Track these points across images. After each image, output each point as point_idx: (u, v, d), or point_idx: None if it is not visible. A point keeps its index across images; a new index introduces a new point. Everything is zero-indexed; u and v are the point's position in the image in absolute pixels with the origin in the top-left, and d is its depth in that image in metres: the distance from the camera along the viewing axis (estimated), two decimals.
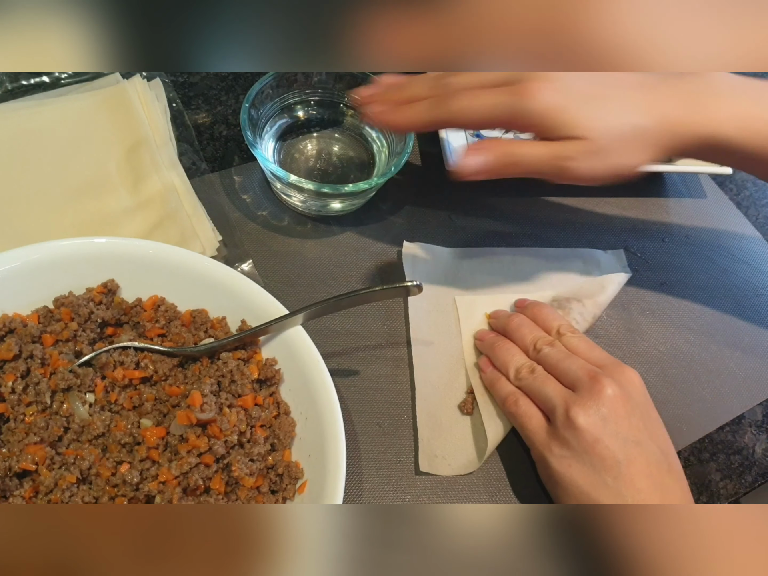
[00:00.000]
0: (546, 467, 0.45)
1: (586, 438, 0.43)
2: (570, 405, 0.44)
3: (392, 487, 0.48)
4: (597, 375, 0.45)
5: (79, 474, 0.39)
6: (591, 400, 0.44)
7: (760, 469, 0.54)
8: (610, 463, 0.42)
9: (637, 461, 0.42)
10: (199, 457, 0.40)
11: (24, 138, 0.57)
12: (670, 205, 0.68)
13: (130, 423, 0.41)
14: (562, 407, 0.44)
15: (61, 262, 0.45)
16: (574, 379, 0.46)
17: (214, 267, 0.47)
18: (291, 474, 0.42)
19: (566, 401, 0.44)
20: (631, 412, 0.44)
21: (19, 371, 0.41)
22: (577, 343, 0.50)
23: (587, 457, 0.43)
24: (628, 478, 0.42)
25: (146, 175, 0.57)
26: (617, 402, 0.44)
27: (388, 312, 0.56)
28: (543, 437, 0.45)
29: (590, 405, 0.44)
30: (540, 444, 0.45)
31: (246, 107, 0.54)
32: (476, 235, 0.62)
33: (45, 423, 0.40)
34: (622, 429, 0.43)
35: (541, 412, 0.47)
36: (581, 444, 0.43)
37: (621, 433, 0.43)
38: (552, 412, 0.45)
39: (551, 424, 0.45)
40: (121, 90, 0.61)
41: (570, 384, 0.46)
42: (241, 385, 0.43)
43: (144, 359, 0.44)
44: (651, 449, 0.43)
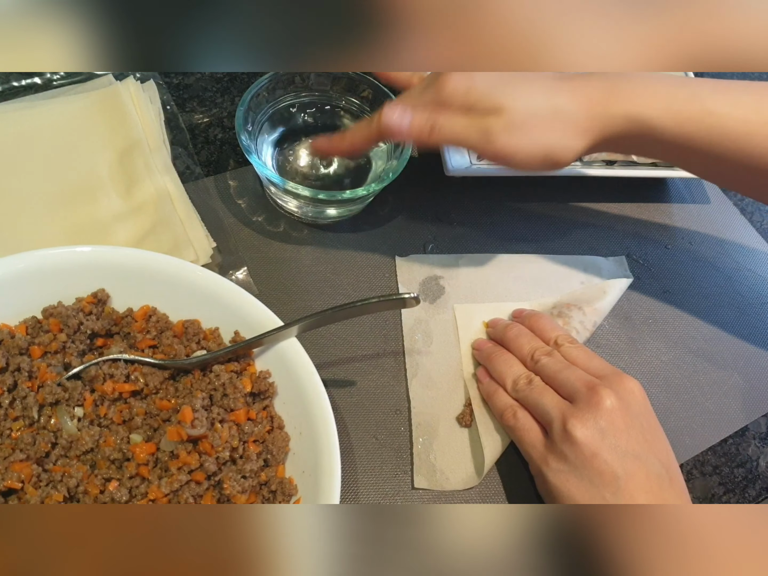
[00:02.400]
0: (544, 482, 0.44)
1: (584, 452, 0.42)
2: (567, 417, 0.43)
3: (389, 501, 0.47)
4: (595, 386, 0.44)
5: (66, 492, 0.37)
6: (589, 412, 0.43)
7: (765, 483, 0.53)
8: (609, 479, 0.41)
9: (636, 476, 0.41)
10: (189, 474, 0.39)
11: (14, 141, 0.56)
12: (673, 211, 0.67)
13: (119, 438, 0.40)
14: (559, 420, 0.43)
15: (49, 271, 0.44)
16: (572, 390, 0.45)
17: (207, 277, 0.46)
18: (284, 491, 0.41)
19: (563, 414, 0.43)
20: (631, 425, 0.43)
21: (6, 384, 0.40)
22: (576, 353, 0.48)
23: (585, 471, 0.42)
24: (627, 494, 0.41)
25: (139, 180, 0.55)
26: (616, 414, 0.43)
27: (385, 321, 0.54)
28: (540, 451, 0.44)
29: (588, 417, 0.42)
30: (537, 458, 0.44)
31: (241, 111, 0.53)
32: (475, 242, 0.61)
33: (32, 438, 0.39)
34: (620, 442, 0.42)
35: (539, 424, 0.46)
36: (579, 458, 0.42)
37: (620, 446, 0.42)
38: (549, 425, 0.44)
39: (549, 438, 0.44)
40: (114, 92, 0.60)
41: (568, 395, 0.45)
42: (234, 399, 0.42)
43: (134, 372, 0.43)
44: (651, 462, 0.42)
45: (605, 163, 0.65)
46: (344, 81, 0.59)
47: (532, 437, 0.45)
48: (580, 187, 0.66)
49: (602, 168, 0.64)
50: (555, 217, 0.64)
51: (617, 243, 0.64)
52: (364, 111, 0.59)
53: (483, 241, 0.61)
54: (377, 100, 0.58)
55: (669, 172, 0.64)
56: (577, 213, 0.65)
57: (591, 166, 0.64)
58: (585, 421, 0.42)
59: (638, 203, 0.67)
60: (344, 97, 0.60)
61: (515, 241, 0.62)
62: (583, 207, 0.65)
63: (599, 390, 0.43)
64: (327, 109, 0.60)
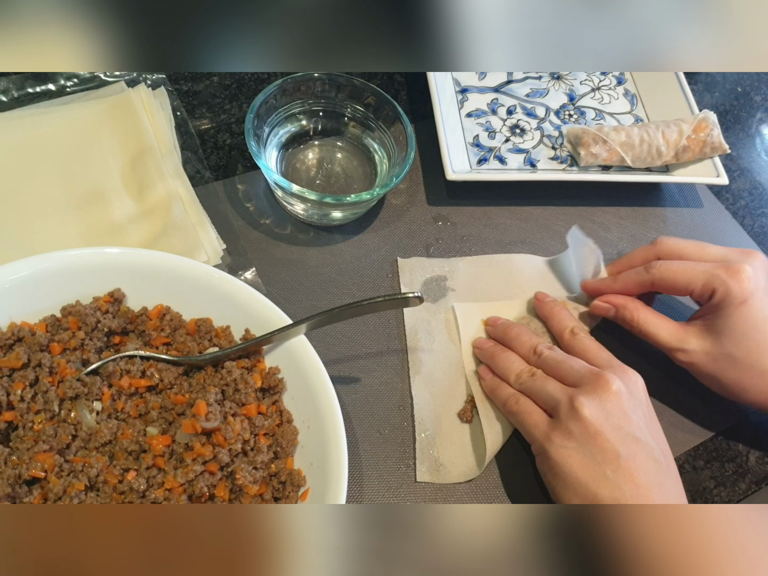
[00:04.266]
0: (546, 459, 0.46)
1: (589, 429, 0.44)
2: (575, 396, 0.45)
3: (393, 494, 0.49)
4: (601, 372, 0.46)
5: (87, 481, 0.39)
6: (595, 392, 0.45)
7: (754, 477, 0.55)
8: (611, 456, 0.43)
9: (637, 456, 0.43)
10: (203, 465, 0.41)
11: (30, 146, 0.58)
12: (667, 215, 0.69)
13: (136, 431, 0.42)
14: (566, 400, 0.45)
15: (68, 271, 0.46)
16: (577, 377, 0.47)
17: (219, 276, 0.47)
18: (293, 482, 0.43)
19: (570, 395, 0.45)
20: (633, 410, 0.45)
21: (28, 380, 0.42)
22: (588, 342, 0.51)
23: (588, 447, 0.44)
24: (628, 473, 0.43)
25: (151, 184, 0.57)
26: (621, 397, 0.45)
27: (389, 320, 0.56)
28: (543, 429, 0.46)
29: (594, 397, 0.45)
30: (540, 436, 0.46)
31: (250, 117, 0.55)
32: (474, 244, 0.63)
33: (53, 431, 0.41)
34: (624, 423, 0.44)
35: (542, 409, 0.48)
36: (583, 435, 0.44)
37: (623, 427, 0.44)
38: (555, 408, 0.46)
39: (554, 418, 0.46)
40: (126, 98, 0.62)
41: (573, 383, 0.47)
42: (245, 393, 0.44)
43: (150, 368, 0.45)
44: (651, 446, 0.44)
45: (601, 168, 0.67)
46: (349, 88, 0.61)
47: (535, 418, 0.47)
48: (577, 192, 0.68)
49: (598, 173, 0.66)
50: (553, 220, 0.66)
51: (613, 245, 0.66)
52: (368, 117, 0.61)
53: (482, 244, 0.63)
54: (381, 107, 0.60)
55: (663, 177, 0.66)
56: (574, 216, 0.67)
57: (588, 171, 0.66)
58: (592, 399, 0.45)
59: (633, 207, 0.69)
60: (349, 103, 0.62)
61: (513, 244, 0.64)
62: (580, 210, 0.68)
63: (605, 374, 0.46)
64: (332, 116, 0.63)
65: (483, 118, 0.69)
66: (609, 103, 0.74)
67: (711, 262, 0.51)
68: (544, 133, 0.70)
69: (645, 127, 0.67)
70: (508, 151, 0.67)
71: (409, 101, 0.72)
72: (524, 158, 0.67)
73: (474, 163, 0.65)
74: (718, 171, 0.66)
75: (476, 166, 0.65)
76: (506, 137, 0.68)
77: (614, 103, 0.74)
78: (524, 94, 0.73)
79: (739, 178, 0.76)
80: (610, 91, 0.76)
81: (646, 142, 0.66)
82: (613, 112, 0.73)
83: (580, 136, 0.66)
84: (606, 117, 0.73)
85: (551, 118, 0.71)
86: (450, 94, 0.70)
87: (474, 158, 0.65)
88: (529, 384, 0.49)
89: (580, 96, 0.74)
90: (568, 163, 0.68)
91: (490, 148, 0.67)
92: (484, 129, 0.68)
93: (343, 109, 0.62)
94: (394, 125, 0.60)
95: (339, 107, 0.62)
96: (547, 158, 0.68)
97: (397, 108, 0.59)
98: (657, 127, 0.67)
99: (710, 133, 0.66)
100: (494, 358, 0.52)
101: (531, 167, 0.66)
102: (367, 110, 0.61)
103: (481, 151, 0.66)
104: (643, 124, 0.68)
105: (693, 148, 0.66)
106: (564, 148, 0.69)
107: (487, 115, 0.70)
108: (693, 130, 0.66)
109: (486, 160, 0.66)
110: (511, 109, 0.71)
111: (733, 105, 0.84)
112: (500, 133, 0.68)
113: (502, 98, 0.72)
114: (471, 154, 0.66)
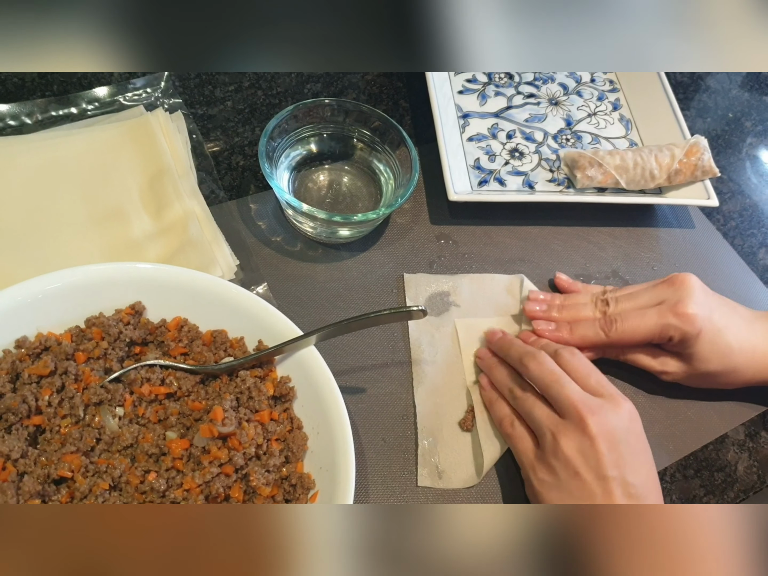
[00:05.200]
0: (530, 486, 0.49)
1: (568, 469, 0.47)
2: (558, 434, 0.48)
3: (396, 498, 0.51)
4: (583, 411, 0.47)
5: (111, 481, 0.42)
6: (575, 432, 0.47)
7: (742, 486, 0.57)
8: (587, 495, 0.46)
9: (613, 494, 0.45)
10: (220, 467, 0.43)
11: (53, 166, 0.61)
12: (660, 235, 0.72)
13: (156, 435, 0.45)
14: (550, 434, 0.48)
15: (92, 284, 0.49)
16: (563, 407, 0.48)
17: (234, 290, 0.50)
18: (303, 485, 0.45)
19: (554, 428, 0.48)
20: (613, 449, 0.47)
21: (55, 386, 0.45)
22: (576, 364, 0.52)
23: (566, 485, 0.47)
24: None
25: (168, 203, 0.60)
26: (600, 439, 0.47)
27: (394, 333, 0.59)
28: (531, 459, 0.50)
29: (575, 438, 0.47)
30: (527, 465, 0.50)
31: (264, 141, 0.58)
32: (475, 261, 0.66)
33: (79, 434, 0.43)
34: (601, 465, 0.46)
35: (533, 434, 0.51)
36: (563, 473, 0.47)
37: (600, 468, 0.46)
38: (541, 438, 0.49)
39: (539, 448, 0.49)
40: (145, 122, 0.65)
41: (559, 411, 0.49)
42: (258, 401, 0.47)
43: (169, 376, 0.48)
44: (627, 482, 0.46)
45: (597, 190, 0.70)
46: (356, 113, 0.64)
47: (524, 445, 0.50)
48: (574, 212, 0.71)
49: (594, 195, 0.69)
50: (550, 239, 0.69)
51: (607, 264, 0.69)
52: (374, 141, 0.65)
53: (483, 261, 0.66)
54: (386, 131, 0.63)
55: (657, 199, 0.69)
56: (570, 236, 0.70)
57: (584, 193, 0.69)
58: (572, 440, 0.47)
59: (627, 227, 0.72)
60: (356, 128, 0.65)
61: (512, 262, 0.67)
62: (576, 230, 0.71)
63: (586, 418, 0.47)
64: (340, 139, 0.66)
65: (484, 142, 0.72)
66: (605, 128, 0.78)
67: (655, 306, 0.55)
68: (542, 157, 0.73)
69: (639, 151, 0.70)
70: (507, 173, 0.70)
71: (414, 126, 0.76)
72: (523, 180, 0.70)
73: (475, 185, 0.68)
74: (708, 193, 0.69)
75: (477, 188, 0.68)
76: (506, 160, 0.71)
77: (610, 127, 0.78)
78: (523, 119, 0.76)
79: (730, 200, 0.79)
80: (606, 117, 0.79)
81: (640, 165, 0.69)
82: (608, 137, 0.77)
83: (577, 160, 0.69)
84: (602, 141, 0.76)
85: (549, 142, 0.74)
86: (452, 119, 0.73)
87: (475, 180, 0.69)
88: (520, 403, 0.51)
89: (577, 121, 0.77)
90: (565, 185, 0.71)
91: (490, 171, 0.70)
92: (484, 152, 0.71)
93: (350, 133, 0.65)
94: (399, 148, 0.63)
95: (347, 131, 0.65)
96: (545, 180, 0.71)
97: (402, 132, 0.62)
98: (650, 151, 0.70)
99: (701, 157, 0.69)
100: (491, 370, 0.55)
101: (529, 189, 0.70)
102: (373, 134, 0.65)
103: (482, 173, 0.70)
104: (637, 149, 0.71)
105: (685, 172, 0.69)
106: (561, 170, 0.72)
107: (487, 139, 0.73)
108: (685, 155, 0.69)
109: (486, 182, 0.69)
110: (511, 133, 0.74)
111: (724, 130, 0.87)
112: (500, 156, 0.72)
113: (502, 123, 0.75)
114: (472, 176, 0.69)
